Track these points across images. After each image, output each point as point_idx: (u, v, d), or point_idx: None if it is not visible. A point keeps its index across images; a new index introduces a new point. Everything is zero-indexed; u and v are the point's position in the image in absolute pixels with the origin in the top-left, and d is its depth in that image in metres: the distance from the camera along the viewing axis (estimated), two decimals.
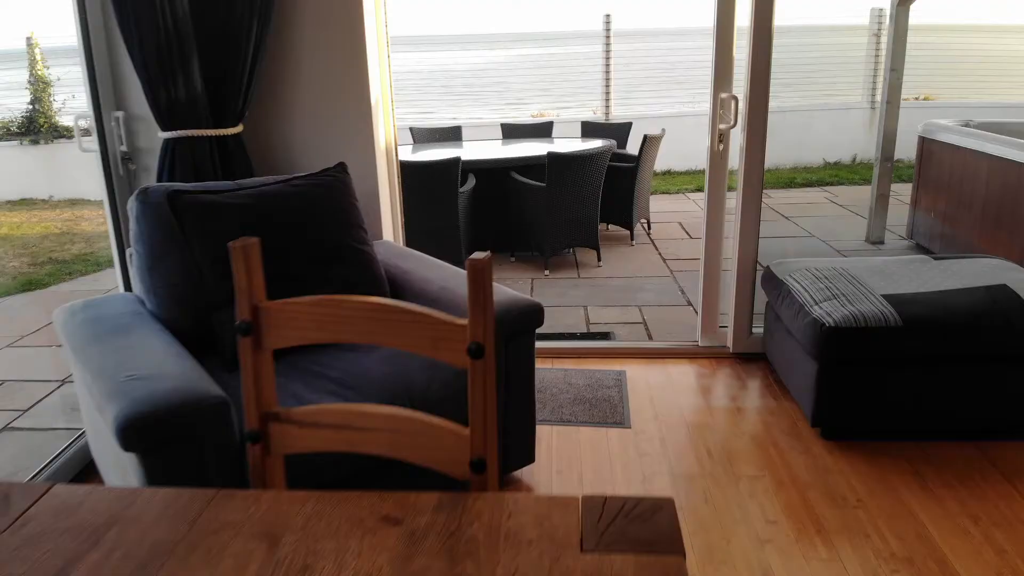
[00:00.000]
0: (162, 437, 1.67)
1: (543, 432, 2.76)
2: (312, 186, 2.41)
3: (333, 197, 2.43)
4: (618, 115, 9.35)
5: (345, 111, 2.87)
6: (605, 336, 3.97)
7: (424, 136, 6.85)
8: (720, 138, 3.09)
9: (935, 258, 3.08)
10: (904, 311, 2.58)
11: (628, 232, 5.97)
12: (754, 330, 3.30)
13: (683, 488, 2.42)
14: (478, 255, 1.04)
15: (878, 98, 9.86)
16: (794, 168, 9.26)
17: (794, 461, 2.57)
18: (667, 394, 3.04)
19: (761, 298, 3.22)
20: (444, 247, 5.04)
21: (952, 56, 10.63)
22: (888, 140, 5.66)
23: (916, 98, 11.89)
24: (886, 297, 2.68)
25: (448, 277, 2.47)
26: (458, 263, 5.30)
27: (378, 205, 2.96)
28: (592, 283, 4.97)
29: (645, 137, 5.69)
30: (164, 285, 2.28)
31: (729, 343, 3.32)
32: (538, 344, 3.45)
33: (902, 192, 6.25)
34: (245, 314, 1.15)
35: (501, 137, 7.05)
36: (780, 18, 3.08)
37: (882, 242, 5.78)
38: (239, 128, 2.78)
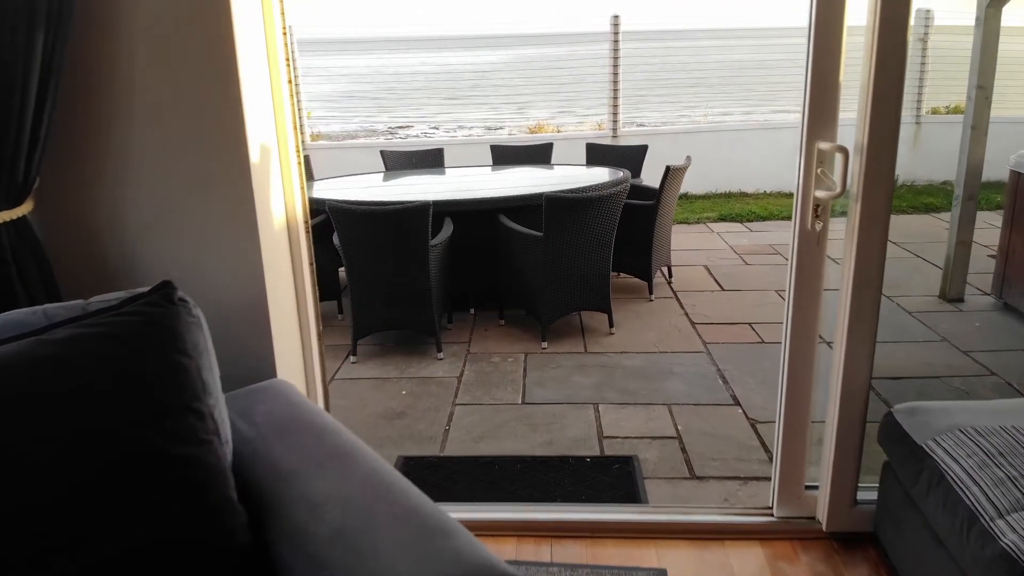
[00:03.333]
0: None
1: None
2: (91, 339, 1.28)
3: (137, 357, 1.30)
4: (627, 131, 8.22)
5: (207, 175, 1.74)
6: (626, 463, 2.84)
7: (398, 161, 5.73)
8: (816, 211, 1.96)
9: None
10: None
11: (646, 283, 4.84)
12: (859, 495, 2.17)
13: None
14: None
15: (924, 111, 8.76)
16: None
17: None
18: None
19: (870, 440, 2.10)
20: (411, 315, 3.91)
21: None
22: (972, 174, 4.52)
23: (947, 109, 10.73)
24: None
25: (353, 501, 1.33)
26: (429, 332, 4.21)
27: (267, 325, 1.83)
28: (603, 363, 3.84)
29: (668, 169, 4.56)
30: None
31: (821, 515, 2.19)
32: (529, 514, 2.32)
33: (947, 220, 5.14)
34: None
35: (491, 162, 5.92)
36: (800, 18, 1.99)
37: (961, 299, 4.65)
38: (24, 210, 1.66)
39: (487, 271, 4.43)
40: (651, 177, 5.67)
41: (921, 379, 3.60)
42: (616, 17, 7.66)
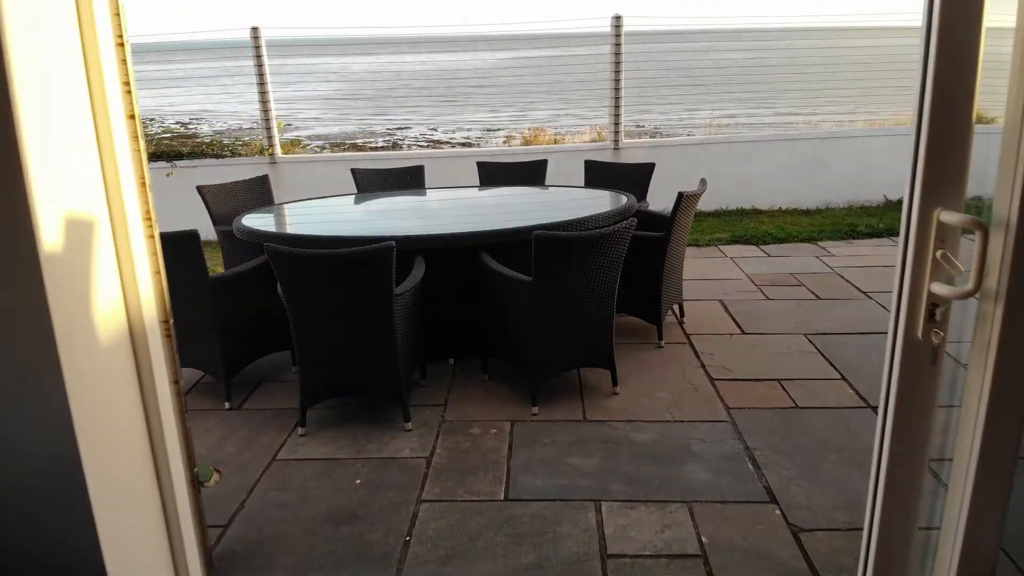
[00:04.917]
0: None
1: None
2: None
3: None
4: (629, 142, 7.56)
5: None
6: None
7: (371, 181, 5.06)
8: (932, 315, 1.30)
9: None
10: None
11: (654, 326, 4.17)
12: None
13: None
14: None
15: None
16: (850, 207, 7.46)
17: None
18: None
19: None
20: (372, 379, 3.24)
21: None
22: None
23: None
24: None
25: None
26: (394, 398, 2.92)
27: (84, 502, 1.16)
28: (606, 436, 3.18)
29: (680, 196, 3.90)
30: None
31: None
32: None
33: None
34: None
35: (478, 182, 5.25)
36: (826, 17, 1.35)
37: None
38: None
39: (468, 315, 3.77)
40: (657, 199, 5.01)
41: None
42: (618, 18, 7.00)
